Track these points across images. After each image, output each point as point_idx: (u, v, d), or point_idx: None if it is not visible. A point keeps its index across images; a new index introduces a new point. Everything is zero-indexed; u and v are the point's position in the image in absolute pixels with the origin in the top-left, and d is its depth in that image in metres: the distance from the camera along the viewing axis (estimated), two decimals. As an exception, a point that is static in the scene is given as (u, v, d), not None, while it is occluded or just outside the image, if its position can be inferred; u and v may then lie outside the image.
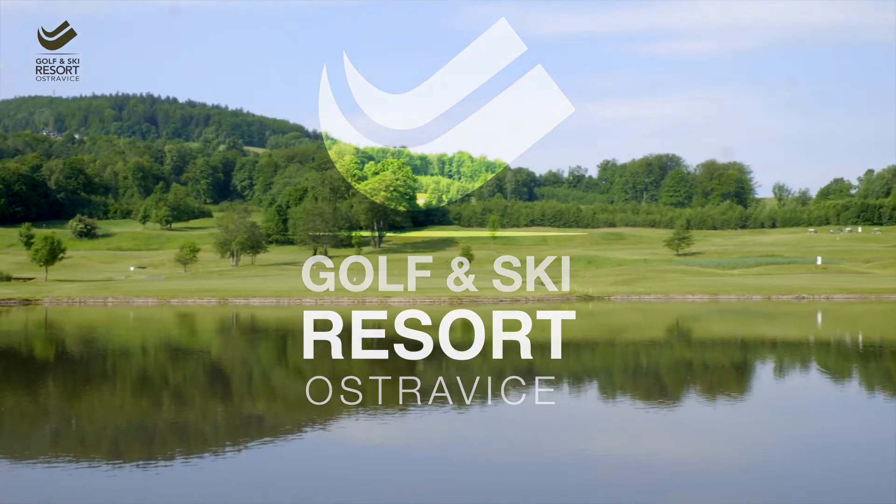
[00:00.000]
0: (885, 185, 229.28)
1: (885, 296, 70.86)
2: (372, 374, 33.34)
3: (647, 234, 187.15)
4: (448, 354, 39.45)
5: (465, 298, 67.37)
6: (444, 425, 22.37)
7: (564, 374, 32.93)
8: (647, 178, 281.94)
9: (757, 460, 18.84)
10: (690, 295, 72.49)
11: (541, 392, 28.36)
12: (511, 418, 23.68)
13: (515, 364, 36.27)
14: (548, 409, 25.08)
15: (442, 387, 29.25)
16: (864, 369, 33.68)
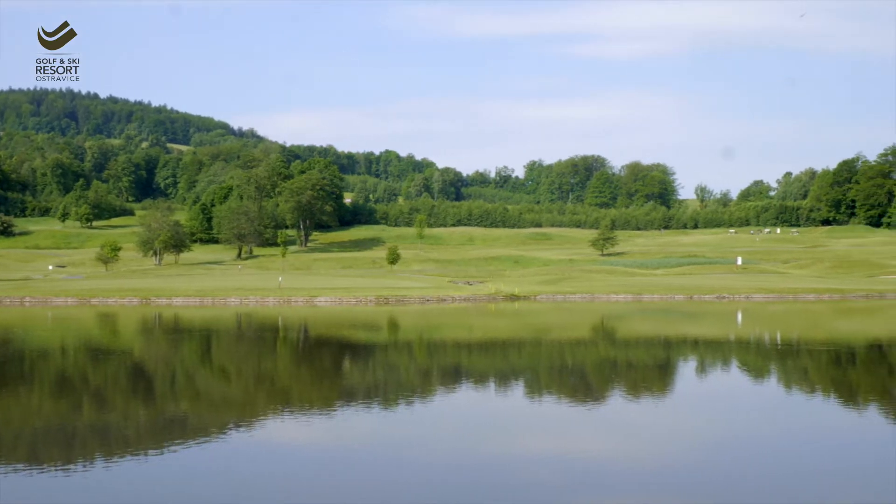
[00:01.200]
0: (802, 187, 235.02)
1: (801, 295, 72.60)
2: (297, 374, 33.11)
3: (573, 234, 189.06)
4: (375, 353, 39.48)
5: (391, 298, 67.22)
6: (369, 425, 22.26)
7: (491, 373, 33.05)
8: (573, 179, 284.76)
9: (680, 457, 19.12)
10: (615, 294, 73.35)
11: (467, 391, 28.43)
12: (437, 417, 23.69)
13: (442, 363, 36.34)
14: (474, 408, 25.13)
15: (369, 386, 29.14)
16: (783, 367, 34.43)
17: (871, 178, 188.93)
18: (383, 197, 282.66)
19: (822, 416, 24.12)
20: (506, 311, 62.17)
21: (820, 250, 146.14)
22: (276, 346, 42.22)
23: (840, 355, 37.52)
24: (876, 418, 23.95)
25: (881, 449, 19.92)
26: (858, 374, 32.26)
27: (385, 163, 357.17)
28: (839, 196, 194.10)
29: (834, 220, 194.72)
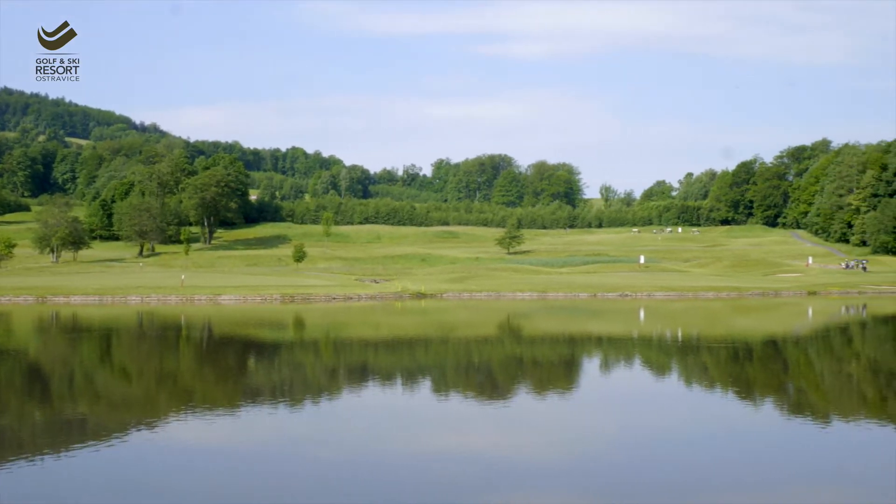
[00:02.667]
0: (702, 188, 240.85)
1: (701, 293, 74.33)
2: (201, 373, 32.54)
3: (480, 232, 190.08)
4: (280, 352, 39.05)
5: (297, 296, 66.61)
6: (275, 424, 22.00)
7: (397, 371, 33.01)
8: (480, 178, 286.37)
9: (585, 452, 19.37)
10: (520, 292, 73.98)
11: (374, 389, 28.33)
12: (344, 416, 23.54)
13: (349, 362, 36.15)
14: (380, 406, 25.05)
15: (274, 385, 28.82)
16: (684, 363, 35.21)
17: (768, 179, 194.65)
18: (290, 194, 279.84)
19: (721, 410, 24.71)
20: (412, 309, 62.21)
21: (719, 249, 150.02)
22: (179, 345, 41.43)
23: (738, 351, 38.53)
24: (771, 411, 24.66)
25: (776, 439, 20.51)
26: (755, 370, 33.17)
27: (292, 159, 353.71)
28: (737, 197, 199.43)
29: (733, 220, 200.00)
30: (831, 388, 29.45)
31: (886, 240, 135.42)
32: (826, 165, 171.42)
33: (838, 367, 34.36)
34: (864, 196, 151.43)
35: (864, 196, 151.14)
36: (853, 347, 41.00)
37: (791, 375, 32.18)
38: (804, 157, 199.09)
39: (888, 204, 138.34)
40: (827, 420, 23.32)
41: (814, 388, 29.35)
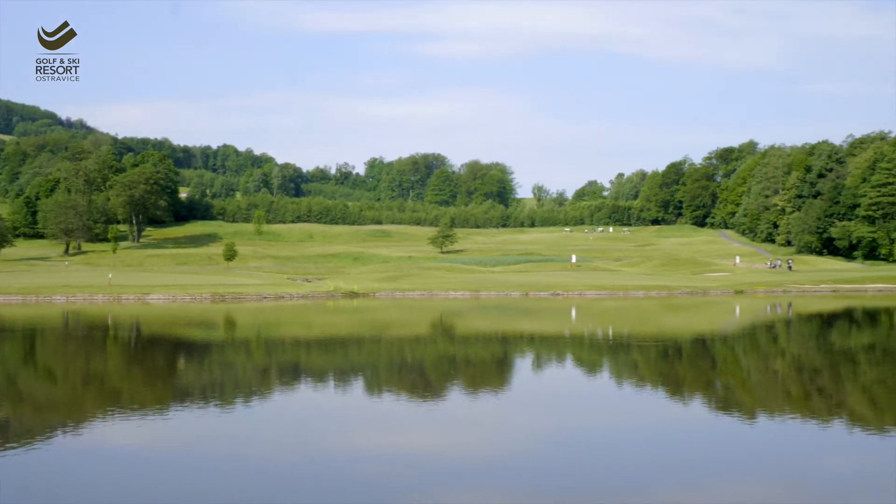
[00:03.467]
0: (633, 188, 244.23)
1: (631, 292, 75.21)
2: (128, 374, 31.93)
3: (413, 231, 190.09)
4: (211, 352, 38.53)
5: (227, 295, 65.83)
6: (206, 425, 21.67)
7: (330, 370, 32.79)
8: (414, 177, 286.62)
9: (518, 450, 19.42)
10: (453, 291, 74.09)
11: (305, 389, 28.10)
12: (275, 416, 23.28)
13: (280, 361, 35.81)
14: (312, 405, 24.85)
15: (205, 385, 28.42)
16: (615, 361, 35.58)
17: (697, 180, 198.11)
18: (221, 192, 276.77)
19: (651, 407, 24.98)
20: (345, 308, 61.92)
21: (649, 249, 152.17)
22: (106, 345, 40.61)
23: (667, 349, 39.04)
24: (700, 408, 25.02)
25: (705, 435, 20.81)
26: (684, 367, 33.64)
27: (223, 157, 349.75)
28: (667, 197, 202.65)
29: (663, 220, 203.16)
30: (758, 385, 29.99)
31: (810, 240, 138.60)
32: (753, 167, 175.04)
33: (765, 365, 35.01)
34: (789, 197, 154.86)
35: (789, 197, 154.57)
36: (779, 345, 41.82)
37: (719, 373, 32.70)
38: (732, 159, 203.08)
39: (812, 205, 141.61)
40: (753, 416, 23.72)
41: (741, 385, 29.85)
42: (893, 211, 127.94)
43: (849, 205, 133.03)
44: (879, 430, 21.91)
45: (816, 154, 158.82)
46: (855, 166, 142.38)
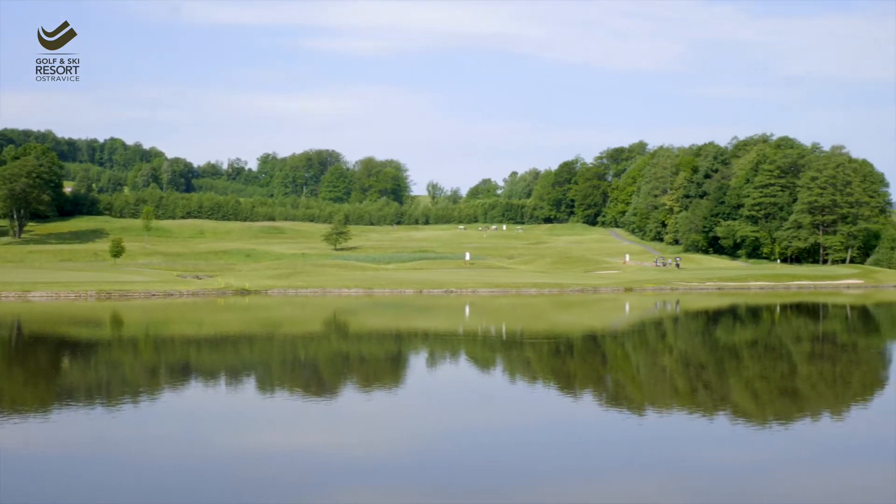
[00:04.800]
0: (526, 186, 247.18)
1: (524, 289, 76.04)
2: (9, 374, 30.75)
3: (306, 228, 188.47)
4: (97, 351, 37.41)
5: (114, 292, 64.10)
6: (92, 426, 21.01)
7: (221, 368, 32.21)
8: (307, 173, 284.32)
9: (410, 449, 19.37)
10: (346, 289, 73.71)
11: (196, 388, 27.53)
12: (165, 416, 22.72)
13: (170, 360, 35.02)
14: (204, 404, 24.35)
15: (90, 385, 27.58)
16: (507, 358, 35.88)
17: (588, 179, 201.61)
18: (107, 187, 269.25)
19: (543, 403, 25.26)
20: (236, 305, 61.00)
21: (542, 247, 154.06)
22: (-15, 344, 39.04)
23: (559, 346, 39.57)
24: (591, 403, 25.41)
25: (596, 430, 21.13)
26: (576, 363, 34.13)
27: (110, 151, 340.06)
28: (560, 196, 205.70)
29: (555, 219, 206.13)
30: (647, 380, 30.63)
31: (697, 238, 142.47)
32: (642, 167, 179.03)
33: (653, 361, 35.79)
34: (676, 197, 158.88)
35: (677, 197, 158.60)
36: (667, 341, 42.82)
37: (609, 369, 33.28)
38: (622, 159, 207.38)
39: (699, 205, 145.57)
40: (642, 411, 24.19)
41: (631, 381, 30.44)
42: (775, 211, 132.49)
43: (733, 205, 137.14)
44: (762, 423, 22.59)
45: (703, 155, 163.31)
46: (739, 167, 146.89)
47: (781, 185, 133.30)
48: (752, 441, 20.29)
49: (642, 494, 15.92)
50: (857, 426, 22.70)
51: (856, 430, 22.15)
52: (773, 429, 21.90)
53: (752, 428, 21.95)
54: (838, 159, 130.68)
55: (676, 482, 16.78)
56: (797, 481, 16.83)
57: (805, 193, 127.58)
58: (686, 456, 18.94)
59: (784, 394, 27.41)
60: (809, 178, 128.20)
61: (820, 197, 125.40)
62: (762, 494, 15.95)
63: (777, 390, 28.02)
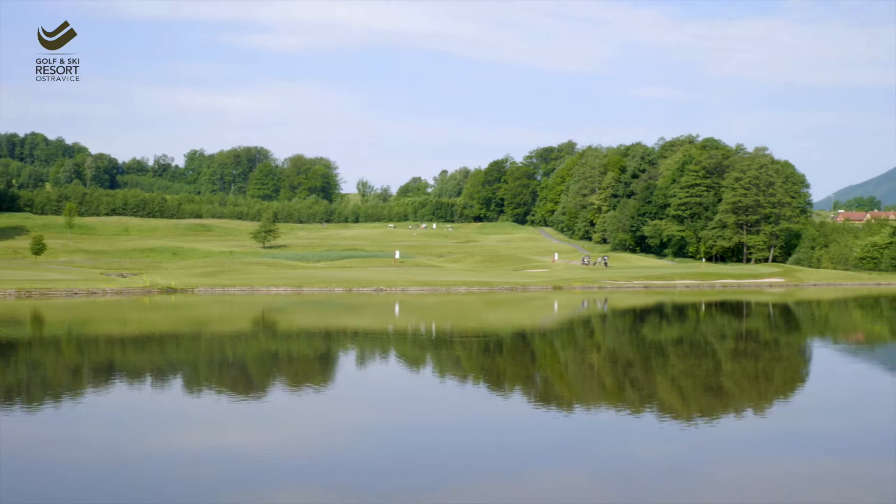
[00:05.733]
0: (457, 185, 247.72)
1: (453, 288, 76.19)
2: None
3: (234, 225, 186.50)
4: (16, 350, 36.47)
5: (34, 291, 62.64)
6: (9, 427, 20.44)
7: (146, 368, 31.63)
8: (235, 170, 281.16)
9: (338, 447, 19.24)
10: (275, 287, 73.08)
11: (121, 388, 26.97)
12: (87, 416, 22.23)
13: (93, 359, 34.31)
14: (128, 405, 23.87)
15: (10, 386, 26.88)
16: (437, 356, 35.88)
17: (518, 178, 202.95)
18: (28, 183, 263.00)
19: (472, 400, 25.30)
20: (162, 304, 60.02)
21: (472, 245, 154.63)
22: None
23: (489, 344, 39.68)
24: (519, 401, 25.52)
25: (526, 427, 21.21)
26: (505, 361, 34.25)
27: (31, 146, 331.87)
28: (489, 194, 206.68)
29: (485, 217, 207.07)
30: (575, 377, 30.88)
31: (624, 237, 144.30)
32: (571, 166, 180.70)
33: (581, 358, 36.10)
34: (604, 196, 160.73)
35: (605, 196, 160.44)
36: (595, 339, 43.23)
37: (538, 366, 33.48)
38: (551, 158, 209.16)
39: (626, 204, 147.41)
40: (570, 408, 24.37)
41: (559, 378, 30.67)
42: (700, 211, 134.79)
43: (660, 204, 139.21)
44: (687, 419, 22.91)
45: (630, 155, 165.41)
46: (666, 168, 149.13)
47: (707, 185, 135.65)
48: (678, 437, 20.57)
49: (571, 492, 16.01)
50: (778, 421, 23.16)
51: (778, 425, 22.60)
52: (699, 424, 22.23)
53: (678, 424, 22.25)
54: (761, 160, 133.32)
55: (604, 479, 16.93)
56: (722, 476, 17.09)
57: (729, 194, 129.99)
58: (614, 452, 19.12)
59: (709, 390, 27.86)
60: (734, 178, 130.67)
61: (744, 197, 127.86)
62: (688, 489, 16.16)
63: (702, 387, 28.46)
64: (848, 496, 15.56)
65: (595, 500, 15.64)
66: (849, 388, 29.05)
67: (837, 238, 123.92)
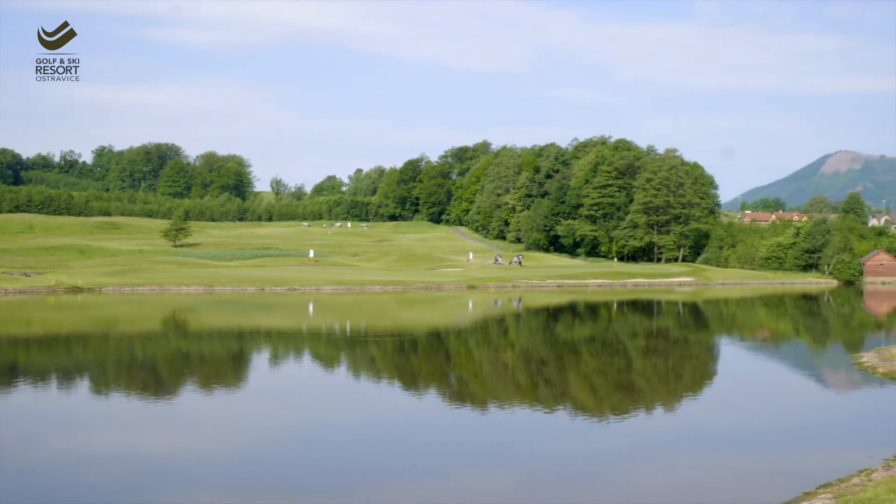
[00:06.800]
0: (371, 184, 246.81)
1: (368, 287, 75.89)
2: None
3: (145, 224, 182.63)
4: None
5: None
6: None
7: (52, 370, 30.76)
8: (146, 167, 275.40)
9: (251, 448, 18.96)
10: (186, 286, 71.83)
11: (25, 390, 26.14)
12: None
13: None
14: (34, 408, 23.13)
15: None
16: (351, 356, 35.66)
17: (433, 177, 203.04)
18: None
19: (388, 400, 25.21)
20: (68, 303, 58.47)
21: (387, 244, 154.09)
22: None
23: (403, 343, 39.61)
24: (434, 400, 25.51)
25: (441, 426, 21.20)
26: (420, 361, 34.22)
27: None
28: (405, 194, 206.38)
29: (400, 216, 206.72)
30: (489, 376, 31.00)
31: (538, 237, 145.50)
32: (486, 166, 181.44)
33: (496, 357, 36.25)
34: (519, 196, 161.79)
35: (520, 196, 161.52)
36: (509, 338, 43.49)
37: (453, 365, 33.54)
38: (467, 158, 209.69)
39: (540, 204, 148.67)
40: (485, 407, 24.44)
41: (474, 377, 30.75)
42: (612, 211, 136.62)
43: (573, 204, 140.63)
44: (599, 416, 23.18)
45: (545, 156, 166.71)
46: (579, 168, 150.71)
47: (619, 185, 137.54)
48: (590, 433, 20.78)
49: (487, 489, 16.02)
50: (687, 417, 23.58)
51: (686, 421, 23.01)
52: (610, 421, 22.50)
53: (591, 421, 22.49)
54: (672, 162, 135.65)
55: (520, 477, 16.99)
56: (634, 472, 17.30)
57: (641, 194, 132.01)
58: (529, 450, 19.21)
59: (620, 388, 28.24)
60: (645, 179, 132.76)
61: (654, 198, 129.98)
62: (600, 485, 16.32)
63: (614, 384, 28.84)
64: (751, 488, 15.87)
65: (511, 498, 15.67)
66: (754, 385, 29.75)
67: (744, 238, 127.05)
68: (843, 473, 15.99)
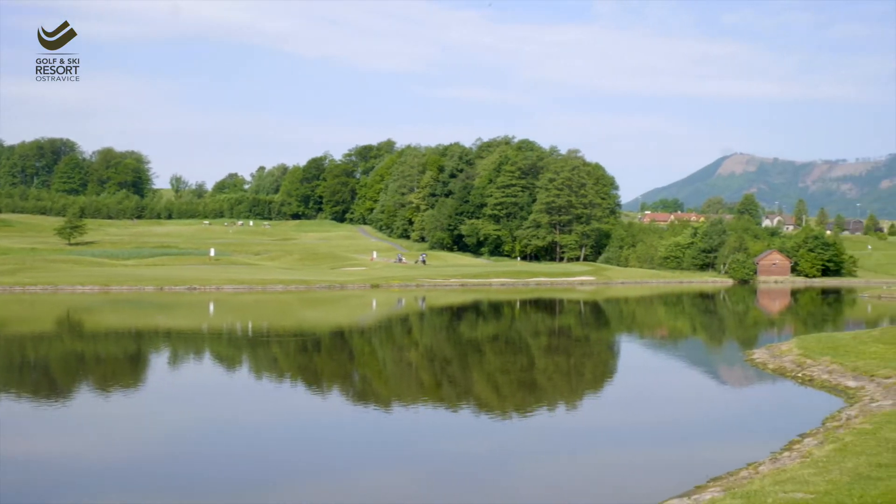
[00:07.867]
0: (274, 182, 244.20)
1: (270, 286, 75.04)
2: None
3: (37, 221, 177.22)
4: None
5: None
6: None
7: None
8: (39, 163, 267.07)
9: (148, 451, 18.52)
10: (80, 286, 69.93)
11: None
12: None
13: None
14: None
15: None
16: (253, 355, 35.18)
17: (337, 176, 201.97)
18: None
19: (290, 400, 24.93)
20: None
21: (290, 243, 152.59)
22: None
23: (306, 343, 39.26)
24: (338, 400, 25.31)
25: (344, 426, 21.02)
26: (323, 360, 33.95)
27: None
28: (308, 192, 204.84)
29: (303, 215, 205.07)
30: (393, 375, 30.91)
31: (442, 236, 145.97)
32: (390, 165, 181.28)
33: (399, 356, 36.20)
34: (423, 195, 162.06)
35: (424, 195, 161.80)
36: (412, 337, 43.47)
37: (357, 364, 33.35)
38: (371, 156, 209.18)
39: (444, 203, 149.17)
40: (389, 406, 24.35)
41: (378, 376, 30.62)
42: (515, 211, 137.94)
43: (477, 204, 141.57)
44: (503, 415, 23.28)
45: (449, 155, 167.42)
46: (483, 168, 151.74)
47: (522, 185, 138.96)
48: (493, 432, 20.85)
49: (392, 489, 15.93)
50: (587, 414, 23.88)
51: (586, 418, 23.30)
52: (513, 420, 22.62)
53: (494, 419, 22.57)
54: (574, 162, 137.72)
55: (424, 476, 16.94)
56: (534, 468, 17.39)
57: (543, 194, 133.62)
58: (432, 449, 19.19)
59: (523, 386, 28.44)
60: (547, 179, 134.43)
61: (557, 198, 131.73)
62: (504, 484, 16.36)
63: (517, 383, 29.04)
64: (645, 482, 16.09)
65: (415, 497, 15.60)
66: (652, 382, 30.32)
67: (644, 238, 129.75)
68: (732, 467, 16.36)
